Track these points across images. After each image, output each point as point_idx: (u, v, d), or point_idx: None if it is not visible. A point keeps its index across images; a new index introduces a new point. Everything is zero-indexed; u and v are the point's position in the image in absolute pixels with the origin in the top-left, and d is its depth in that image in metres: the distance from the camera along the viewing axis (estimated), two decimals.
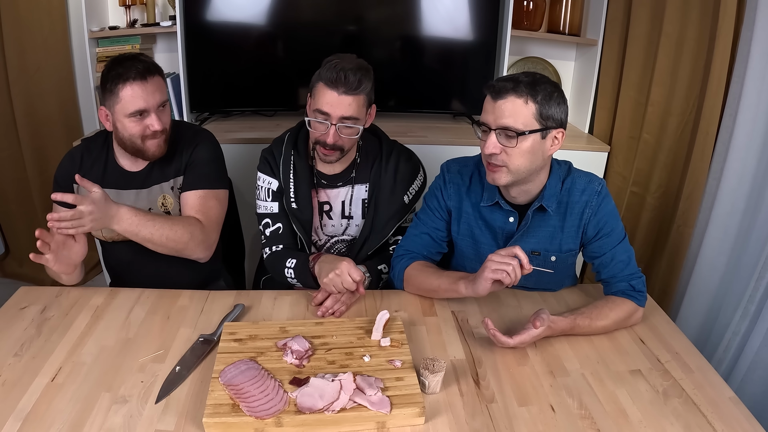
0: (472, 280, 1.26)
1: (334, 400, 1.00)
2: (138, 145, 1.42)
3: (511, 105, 1.21)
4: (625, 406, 1.07)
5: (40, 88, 2.43)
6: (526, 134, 1.22)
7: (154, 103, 1.39)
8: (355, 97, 1.38)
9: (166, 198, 1.51)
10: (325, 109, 1.39)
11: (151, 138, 1.41)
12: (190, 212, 1.48)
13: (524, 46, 2.72)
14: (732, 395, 1.12)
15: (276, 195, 1.53)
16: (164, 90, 1.43)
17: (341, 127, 1.40)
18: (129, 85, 1.35)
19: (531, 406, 1.07)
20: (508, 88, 1.22)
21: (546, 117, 1.22)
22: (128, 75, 1.35)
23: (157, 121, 1.40)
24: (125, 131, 1.40)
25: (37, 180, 2.54)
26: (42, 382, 1.07)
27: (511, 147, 1.23)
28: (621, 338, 1.29)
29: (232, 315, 1.30)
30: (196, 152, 1.51)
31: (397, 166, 1.55)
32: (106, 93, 1.38)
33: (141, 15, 2.55)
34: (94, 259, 2.54)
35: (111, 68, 1.38)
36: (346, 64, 1.38)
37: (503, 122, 1.22)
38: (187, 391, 1.07)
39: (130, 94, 1.35)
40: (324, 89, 1.39)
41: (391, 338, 1.19)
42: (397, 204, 1.55)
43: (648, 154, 2.27)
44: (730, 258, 1.93)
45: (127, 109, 1.37)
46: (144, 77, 1.36)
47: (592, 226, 1.36)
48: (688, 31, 2.04)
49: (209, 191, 1.50)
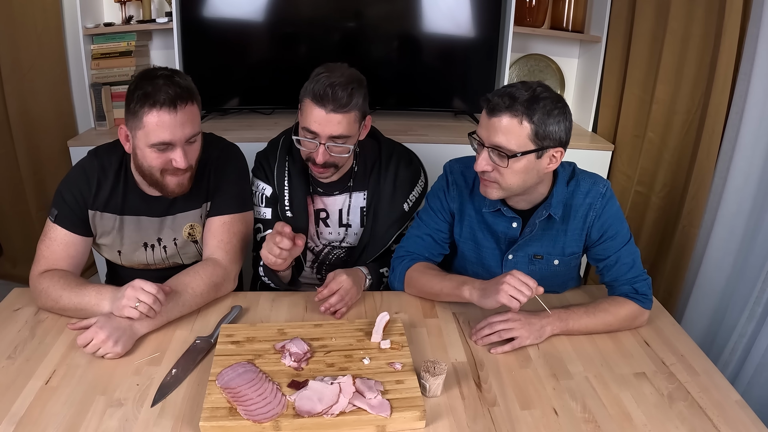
0: (479, 289, 1.25)
1: (333, 404, 1.00)
2: (156, 178, 1.28)
3: (505, 124, 1.18)
4: (629, 410, 1.07)
5: (33, 87, 2.42)
6: (518, 156, 1.19)
7: (182, 137, 1.23)
8: (344, 114, 1.32)
9: (194, 227, 1.42)
10: (313, 128, 1.33)
11: (172, 174, 1.28)
12: (212, 242, 1.40)
13: (527, 43, 2.72)
14: (738, 398, 1.12)
15: (269, 201, 1.52)
16: (197, 121, 1.26)
17: (331, 146, 1.35)
18: (156, 111, 1.19)
19: (534, 409, 1.07)
20: (503, 105, 1.17)
21: (543, 137, 1.19)
22: (156, 99, 1.18)
23: (183, 159, 1.24)
24: (144, 161, 1.26)
25: (31, 180, 2.54)
26: (36, 385, 1.07)
27: (503, 167, 1.21)
28: (625, 340, 1.29)
29: (229, 317, 1.30)
30: (223, 174, 1.41)
31: (396, 172, 1.52)
32: (129, 112, 1.23)
33: (137, 11, 2.55)
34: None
35: (138, 84, 1.21)
36: (336, 78, 1.30)
37: (495, 141, 1.19)
38: (183, 395, 1.07)
39: (155, 122, 1.20)
40: (311, 106, 1.32)
41: (392, 340, 1.18)
42: (396, 212, 1.52)
43: (653, 152, 2.27)
44: (736, 259, 1.93)
45: (149, 139, 1.22)
46: (174, 105, 1.19)
47: (596, 229, 1.35)
48: (693, 28, 2.04)
49: (235, 216, 1.42)
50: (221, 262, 1.38)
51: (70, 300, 1.24)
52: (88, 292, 1.24)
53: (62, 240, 1.34)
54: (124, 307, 1.19)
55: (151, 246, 1.44)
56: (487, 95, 1.22)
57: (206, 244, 1.42)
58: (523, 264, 1.41)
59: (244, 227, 1.45)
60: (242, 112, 2.66)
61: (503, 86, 1.23)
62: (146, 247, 1.44)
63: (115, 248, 1.44)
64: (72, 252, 1.35)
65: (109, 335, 1.14)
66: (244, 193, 1.48)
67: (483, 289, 1.24)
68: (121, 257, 1.46)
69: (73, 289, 1.25)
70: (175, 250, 1.46)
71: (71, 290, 1.25)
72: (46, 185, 2.54)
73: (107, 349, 1.14)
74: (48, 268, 1.32)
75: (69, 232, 1.35)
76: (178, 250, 1.46)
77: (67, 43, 2.49)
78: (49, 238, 1.34)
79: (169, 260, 1.48)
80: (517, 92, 1.18)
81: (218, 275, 1.36)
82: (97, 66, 2.43)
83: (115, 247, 1.44)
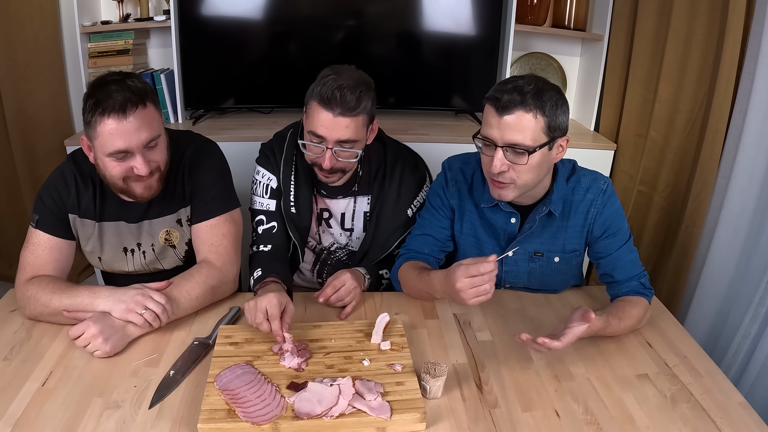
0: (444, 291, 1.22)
1: (333, 406, 1.00)
2: (121, 187, 1.26)
3: (520, 120, 1.16)
4: (631, 412, 1.07)
5: (30, 86, 2.42)
6: (537, 150, 1.18)
7: (138, 143, 1.18)
8: (353, 118, 1.30)
9: (170, 233, 1.40)
10: (320, 132, 1.32)
11: (136, 180, 1.25)
12: (202, 248, 1.38)
13: (528, 41, 2.72)
14: (742, 400, 1.12)
15: (274, 192, 1.49)
16: (154, 124, 1.21)
17: (338, 150, 1.34)
18: (107, 119, 1.15)
19: (535, 411, 1.07)
20: (516, 101, 1.15)
21: (554, 128, 1.19)
22: (105, 106, 1.14)
23: (144, 165, 1.20)
24: (106, 170, 1.23)
25: (27, 179, 2.54)
26: (32, 386, 1.07)
27: (522, 164, 1.19)
28: (627, 341, 1.29)
29: (227, 317, 1.30)
30: (199, 176, 1.37)
31: (402, 178, 1.50)
32: (85, 122, 1.19)
33: (134, 9, 2.55)
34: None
35: (90, 93, 1.17)
36: (343, 81, 1.28)
37: (511, 139, 1.17)
38: (181, 397, 1.07)
39: (107, 130, 1.16)
40: (318, 109, 1.30)
41: (392, 341, 1.18)
42: (400, 219, 1.51)
43: (655, 152, 2.27)
44: (739, 259, 1.93)
45: (105, 149, 1.18)
46: (124, 111, 1.15)
47: (598, 225, 1.36)
48: (696, 26, 2.04)
49: (221, 217, 1.38)
50: (215, 264, 1.36)
51: (61, 302, 1.22)
52: (80, 292, 1.23)
53: (46, 245, 1.32)
54: (130, 312, 1.18)
55: (131, 251, 1.42)
56: (492, 93, 1.19)
57: (197, 250, 1.40)
58: (523, 261, 1.42)
59: (233, 227, 1.41)
60: (241, 111, 2.66)
61: (501, 82, 1.21)
62: (126, 252, 1.42)
63: (95, 254, 1.43)
64: (57, 256, 1.33)
65: (100, 331, 1.14)
66: (227, 191, 1.42)
67: (446, 291, 1.21)
68: (102, 263, 1.44)
69: (64, 292, 1.23)
70: (154, 255, 1.44)
71: (62, 293, 1.23)
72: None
73: (96, 346, 1.14)
74: (34, 275, 1.30)
75: (52, 236, 1.33)
76: (157, 256, 1.44)
77: (64, 41, 2.50)
78: (32, 244, 1.32)
79: (149, 266, 1.46)
80: (523, 86, 1.16)
81: (213, 277, 1.34)
82: (95, 64, 2.43)
83: (96, 254, 1.42)
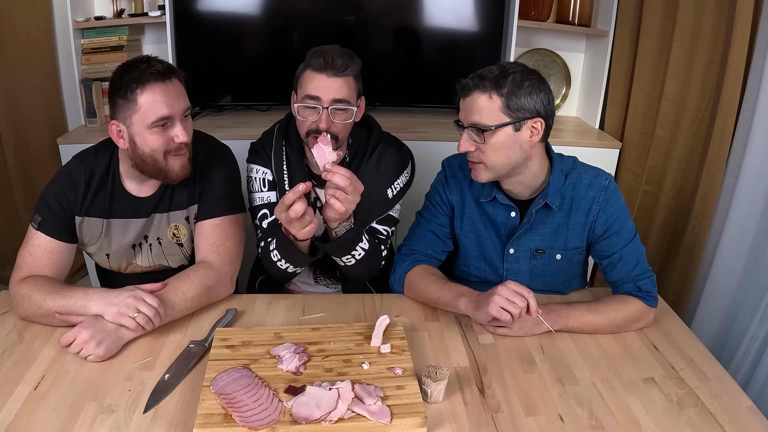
0: (475, 301, 1.25)
1: (332, 410, 1.00)
2: (160, 164, 1.30)
3: (476, 101, 1.26)
4: (637, 416, 1.07)
5: (22, 83, 2.42)
6: (493, 129, 1.25)
7: (179, 110, 1.28)
8: (345, 78, 1.39)
9: (178, 228, 1.43)
10: (315, 93, 1.39)
11: (175, 154, 1.30)
12: (203, 246, 1.40)
13: (531, 37, 2.72)
14: (750, 404, 1.12)
15: (272, 184, 1.52)
16: (186, 96, 1.31)
17: (333, 111, 1.39)
18: (150, 89, 1.23)
19: (539, 416, 1.07)
20: (472, 85, 1.26)
21: (516, 108, 1.25)
22: (146, 78, 1.23)
23: (183, 132, 1.28)
24: (146, 146, 1.28)
25: (19, 178, 2.54)
26: (24, 390, 1.07)
27: (481, 143, 1.27)
28: (633, 344, 1.29)
29: (224, 320, 1.30)
30: (212, 176, 1.42)
31: (381, 156, 1.52)
32: (119, 103, 1.26)
33: (128, 5, 2.55)
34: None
35: (122, 74, 1.25)
36: (331, 49, 1.40)
37: (471, 119, 1.28)
38: (176, 401, 1.07)
39: (151, 99, 1.23)
40: (312, 74, 1.40)
41: (392, 344, 1.19)
42: (378, 197, 1.50)
43: (662, 150, 2.27)
44: (747, 260, 1.93)
45: (148, 118, 1.25)
46: (165, 78, 1.25)
47: (600, 223, 1.36)
48: (703, 21, 2.04)
49: (226, 218, 1.42)
50: (213, 264, 1.38)
51: (54, 303, 1.23)
52: (73, 294, 1.23)
53: (46, 247, 1.33)
54: (122, 315, 1.19)
55: (138, 245, 1.44)
56: (460, 79, 1.29)
57: (198, 248, 1.42)
58: (525, 258, 1.42)
59: (237, 229, 1.44)
60: (237, 109, 2.66)
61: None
62: (134, 247, 1.45)
63: (103, 252, 1.44)
64: (56, 259, 1.34)
65: (92, 336, 1.15)
66: (236, 195, 1.47)
67: (477, 301, 1.25)
68: (110, 260, 1.46)
69: (57, 292, 1.24)
70: (161, 250, 1.46)
71: (56, 293, 1.24)
72: (35, 184, 2.54)
73: (89, 351, 1.14)
74: (30, 275, 1.31)
75: (53, 239, 1.34)
76: (163, 251, 1.46)
77: (57, 37, 2.49)
78: (31, 245, 1.33)
79: (156, 262, 1.48)
80: (486, 72, 1.26)
81: (210, 278, 1.35)
82: (88, 61, 2.43)
83: (103, 251, 1.44)
